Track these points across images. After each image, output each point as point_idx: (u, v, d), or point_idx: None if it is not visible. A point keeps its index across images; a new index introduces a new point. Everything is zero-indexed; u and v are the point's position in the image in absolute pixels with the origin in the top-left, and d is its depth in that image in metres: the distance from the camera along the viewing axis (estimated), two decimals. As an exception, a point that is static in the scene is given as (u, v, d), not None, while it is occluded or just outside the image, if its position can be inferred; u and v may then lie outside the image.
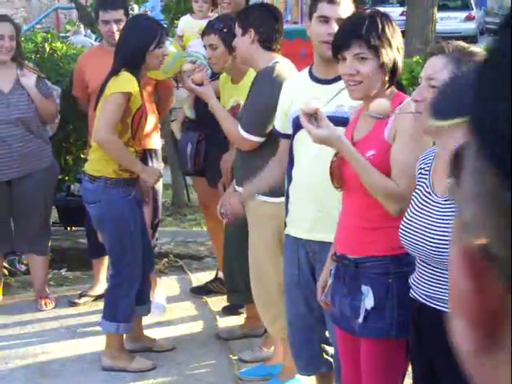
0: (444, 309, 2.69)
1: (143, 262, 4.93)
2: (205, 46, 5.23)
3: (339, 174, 3.23)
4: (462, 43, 2.79)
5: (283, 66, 4.40)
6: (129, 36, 4.78)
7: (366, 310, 3.17)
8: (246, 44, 4.49)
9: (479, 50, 2.82)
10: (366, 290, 3.17)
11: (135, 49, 4.70)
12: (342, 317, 3.32)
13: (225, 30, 5.07)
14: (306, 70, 3.96)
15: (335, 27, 3.62)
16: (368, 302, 3.17)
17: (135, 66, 4.70)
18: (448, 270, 2.56)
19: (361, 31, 3.16)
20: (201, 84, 4.84)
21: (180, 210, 8.65)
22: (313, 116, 3.06)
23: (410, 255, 3.10)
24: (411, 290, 2.86)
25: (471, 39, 21.53)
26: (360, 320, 3.18)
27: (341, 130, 3.25)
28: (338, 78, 3.57)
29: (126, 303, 4.88)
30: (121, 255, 4.84)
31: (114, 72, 4.69)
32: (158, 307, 5.61)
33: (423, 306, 2.80)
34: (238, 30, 4.56)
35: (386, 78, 3.20)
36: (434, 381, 2.82)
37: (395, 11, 17.13)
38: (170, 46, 5.42)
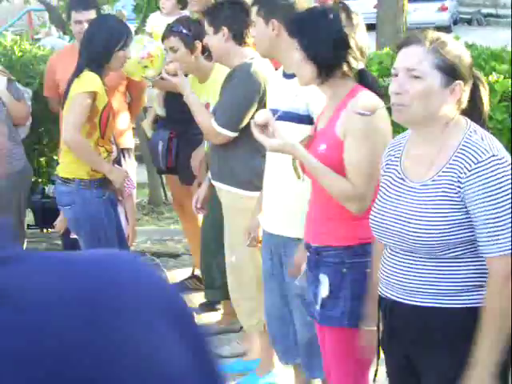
0: (419, 303, 2.69)
1: None
2: (166, 50, 5.22)
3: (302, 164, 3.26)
4: (437, 33, 2.74)
5: (260, 62, 4.39)
6: (95, 35, 4.76)
7: (322, 298, 3.24)
8: (221, 42, 4.48)
9: (453, 39, 2.79)
10: (323, 278, 3.25)
11: (101, 48, 4.68)
12: (309, 304, 3.39)
13: (184, 31, 5.07)
14: None
15: None
16: (323, 290, 3.24)
17: (99, 66, 4.69)
18: (426, 257, 2.59)
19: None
20: (174, 75, 4.81)
21: (157, 208, 8.63)
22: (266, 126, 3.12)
23: (364, 246, 3.16)
24: (380, 286, 2.84)
25: (445, 29, 21.57)
26: (317, 307, 3.27)
27: (308, 128, 3.28)
28: (294, 75, 3.60)
29: None
30: None
31: (78, 71, 4.69)
32: None
33: (396, 303, 2.77)
34: (209, 29, 4.54)
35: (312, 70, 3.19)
36: (410, 375, 2.82)
37: (368, 3, 17.13)
38: (156, 49, 5.39)
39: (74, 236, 5.11)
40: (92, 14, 5.46)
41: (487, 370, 2.56)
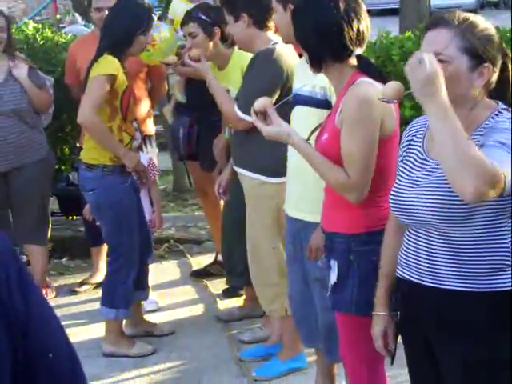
0: (439, 285, 2.63)
1: (141, 247, 4.94)
2: (184, 35, 5.21)
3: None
4: (466, 14, 2.65)
5: (283, 47, 4.36)
6: (116, 19, 4.76)
7: (333, 284, 3.26)
8: (242, 30, 4.47)
9: (484, 20, 2.67)
10: (333, 264, 3.27)
11: (122, 33, 4.68)
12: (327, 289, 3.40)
13: (203, 18, 5.05)
14: None
15: None
16: (333, 275, 3.26)
17: (119, 50, 4.69)
18: (448, 237, 2.54)
19: None
20: (198, 61, 4.80)
21: (181, 195, 8.65)
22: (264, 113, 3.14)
23: (372, 234, 3.15)
24: (399, 268, 2.80)
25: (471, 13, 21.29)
26: (328, 292, 3.30)
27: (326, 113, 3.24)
28: None
29: (125, 289, 4.89)
30: (118, 242, 4.85)
31: (98, 55, 4.69)
32: (151, 303, 5.61)
33: (415, 285, 2.74)
34: (230, 18, 4.52)
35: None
36: (429, 360, 2.79)
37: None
38: (167, 32, 5.40)
39: (98, 223, 5.14)
40: (112, 1, 5.46)
41: None
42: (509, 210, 2.56)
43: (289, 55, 4.35)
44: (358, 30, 3.17)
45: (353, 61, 3.20)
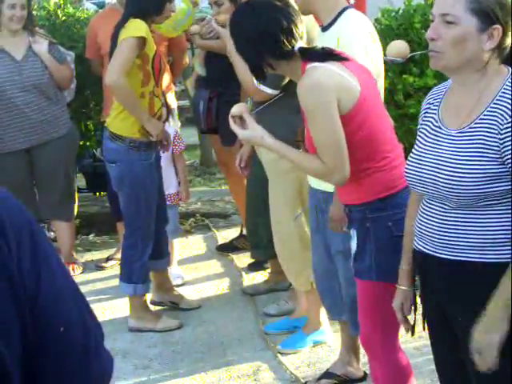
0: (448, 256, 2.62)
1: (157, 218, 4.92)
2: (210, 4, 5.17)
3: None
4: None
5: (304, 18, 4.29)
6: None
7: (354, 253, 3.29)
8: None
9: None
10: (352, 233, 3.30)
11: (150, 2, 4.62)
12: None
13: None
14: None
15: None
16: (353, 244, 3.30)
17: (147, 17, 4.63)
18: (458, 208, 2.52)
19: None
20: (223, 26, 4.76)
21: (209, 169, 8.64)
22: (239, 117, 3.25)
23: (385, 200, 3.17)
24: (415, 239, 2.77)
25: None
26: (351, 261, 3.34)
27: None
28: (328, 26, 3.64)
29: (141, 264, 4.88)
30: (135, 217, 4.83)
31: (124, 21, 4.63)
32: (177, 277, 5.61)
33: (428, 256, 2.72)
34: None
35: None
36: (447, 329, 2.76)
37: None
38: (181, 3, 5.37)
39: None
40: None
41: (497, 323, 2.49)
42: None
43: (310, 25, 4.29)
44: (291, 30, 3.14)
45: (298, 54, 3.18)
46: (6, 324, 1.26)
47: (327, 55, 3.13)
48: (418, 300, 2.94)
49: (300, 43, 3.18)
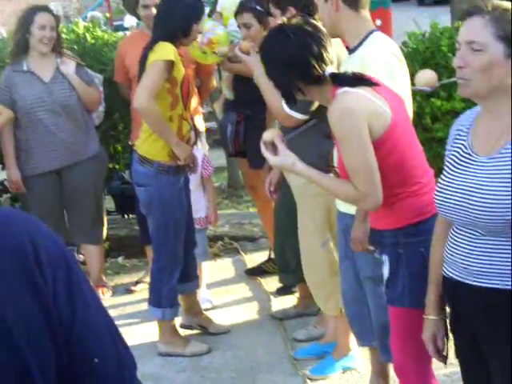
0: (480, 283, 2.60)
1: (185, 241, 4.93)
2: (239, 26, 5.19)
3: None
4: (499, 1, 2.64)
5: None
6: (173, 9, 4.69)
7: (386, 279, 3.29)
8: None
9: None
10: (384, 259, 3.29)
11: (180, 22, 4.63)
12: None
13: (257, 8, 5.03)
14: None
15: None
16: (385, 270, 3.29)
17: (175, 40, 4.65)
18: (489, 235, 2.51)
19: None
20: (247, 53, 4.79)
21: (236, 191, 8.64)
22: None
23: (417, 226, 3.16)
24: (444, 266, 2.76)
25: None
26: (383, 288, 3.34)
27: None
28: (354, 49, 3.64)
29: (170, 288, 4.89)
30: (164, 241, 4.84)
31: (152, 44, 4.63)
32: (206, 301, 5.61)
33: (459, 283, 2.70)
34: (276, 11, 4.50)
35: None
36: (479, 357, 2.74)
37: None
38: (220, 28, 5.38)
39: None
40: None
41: None
42: None
43: (337, 48, 4.30)
44: (321, 55, 3.17)
45: (329, 79, 3.19)
46: (43, 356, 1.28)
47: (358, 80, 3.14)
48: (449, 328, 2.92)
49: (330, 68, 3.19)
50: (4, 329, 1.25)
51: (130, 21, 11.22)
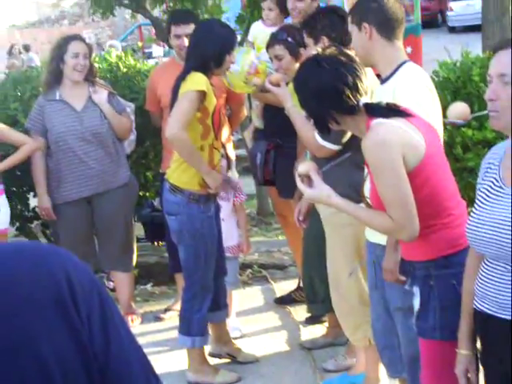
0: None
1: (216, 269, 4.94)
2: (270, 58, 5.22)
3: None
4: None
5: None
6: (205, 39, 4.70)
7: (417, 311, 3.26)
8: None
9: None
10: (415, 291, 3.27)
11: (213, 52, 4.65)
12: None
13: (289, 40, 5.06)
14: None
15: None
16: (416, 302, 3.27)
17: (208, 69, 4.67)
18: None
19: None
20: (277, 86, 4.81)
21: (265, 219, 8.65)
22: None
23: (449, 258, 3.14)
24: (475, 299, 2.75)
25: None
26: (414, 319, 3.31)
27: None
28: (387, 78, 3.65)
29: (200, 317, 4.89)
30: (194, 270, 4.85)
31: (185, 74, 4.65)
32: (235, 330, 5.61)
33: (490, 317, 2.68)
34: (309, 40, 4.52)
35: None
36: None
37: (477, 4, 16.75)
38: (262, 65, 5.41)
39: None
40: (191, 29, 5.50)
41: None
42: None
43: (370, 78, 4.31)
44: (356, 84, 3.19)
45: (363, 110, 3.21)
46: None
47: (392, 111, 3.14)
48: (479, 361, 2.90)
49: (365, 98, 3.20)
50: (40, 365, 1.27)
51: (157, 50, 11.41)
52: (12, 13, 37.55)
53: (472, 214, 2.77)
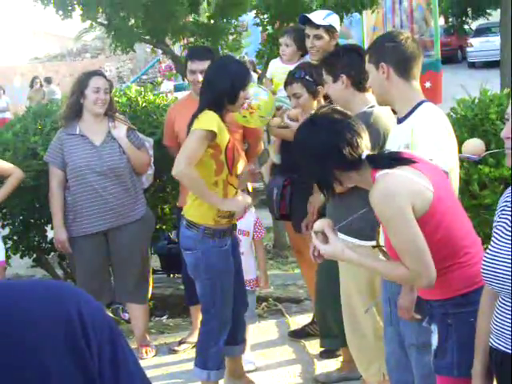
0: None
1: (236, 302, 4.95)
2: (289, 97, 5.27)
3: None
4: None
5: (380, 110, 4.36)
6: (220, 76, 4.74)
7: (434, 348, 3.27)
8: (341, 90, 4.48)
9: None
10: (433, 329, 3.28)
11: (227, 89, 4.68)
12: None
13: (307, 78, 5.11)
14: None
15: None
16: (434, 340, 3.27)
17: (221, 106, 4.71)
18: None
19: None
20: (296, 121, 4.85)
21: (281, 252, 8.66)
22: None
23: (466, 296, 3.14)
24: (491, 337, 2.75)
25: None
26: (431, 357, 3.31)
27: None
28: (404, 118, 3.66)
29: (216, 351, 4.89)
30: (211, 304, 4.85)
31: (199, 111, 4.70)
32: (249, 363, 5.61)
33: (506, 355, 2.68)
34: (328, 78, 4.56)
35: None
36: None
37: (496, 40, 16.79)
38: (266, 97, 5.46)
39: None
40: (206, 65, 5.57)
41: None
42: None
43: (386, 118, 4.34)
44: (354, 140, 3.18)
45: (366, 162, 3.20)
46: None
47: (395, 160, 3.14)
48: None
49: (366, 151, 3.21)
50: None
51: (167, 85, 11.50)
52: (35, 46, 37.96)
53: (487, 251, 2.78)
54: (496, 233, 2.76)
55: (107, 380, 1.35)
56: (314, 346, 5.88)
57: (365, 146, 3.21)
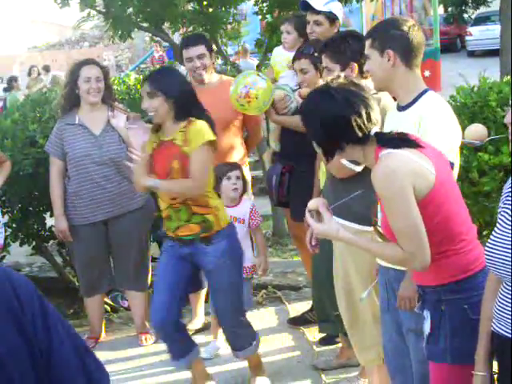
0: None
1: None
2: (295, 71, 5.27)
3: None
4: None
5: (385, 97, 4.33)
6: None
7: (427, 334, 3.26)
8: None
9: None
10: (426, 315, 3.27)
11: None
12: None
13: (315, 54, 5.09)
14: None
15: None
16: (426, 326, 3.27)
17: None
18: None
19: None
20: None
21: (281, 239, 8.66)
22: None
23: (460, 283, 3.13)
24: (494, 322, 2.76)
25: None
26: (424, 343, 3.30)
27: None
28: (407, 106, 3.63)
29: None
30: None
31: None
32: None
33: (509, 339, 2.69)
34: (335, 66, 4.52)
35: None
36: None
37: (496, 29, 16.78)
38: (264, 85, 5.46)
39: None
40: (201, 49, 5.55)
41: None
42: None
43: (391, 106, 4.33)
44: (368, 114, 3.16)
45: (373, 139, 3.19)
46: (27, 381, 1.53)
47: (403, 141, 3.14)
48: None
49: (376, 128, 3.21)
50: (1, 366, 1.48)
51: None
52: (33, 35, 37.91)
53: (491, 236, 2.78)
54: (500, 219, 2.76)
55: (41, 338, 1.56)
56: (313, 333, 5.90)
57: (375, 121, 3.21)
